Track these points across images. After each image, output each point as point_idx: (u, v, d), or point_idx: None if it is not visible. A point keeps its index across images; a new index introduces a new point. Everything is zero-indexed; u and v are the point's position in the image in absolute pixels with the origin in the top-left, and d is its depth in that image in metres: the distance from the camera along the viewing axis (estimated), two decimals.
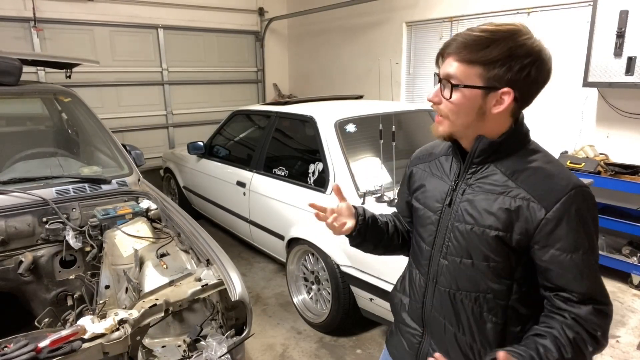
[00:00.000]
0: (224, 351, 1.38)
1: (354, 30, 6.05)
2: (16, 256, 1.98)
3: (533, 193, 0.92)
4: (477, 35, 0.91)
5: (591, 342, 0.90)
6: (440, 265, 1.05)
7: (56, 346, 1.18)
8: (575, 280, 0.90)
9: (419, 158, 1.21)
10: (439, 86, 0.97)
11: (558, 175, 0.94)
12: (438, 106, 0.99)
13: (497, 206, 0.95)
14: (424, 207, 1.11)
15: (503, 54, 0.89)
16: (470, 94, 0.93)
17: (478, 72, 0.91)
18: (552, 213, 0.90)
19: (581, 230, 0.90)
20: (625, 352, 2.65)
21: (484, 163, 1.00)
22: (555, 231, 0.90)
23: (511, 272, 0.97)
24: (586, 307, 0.91)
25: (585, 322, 0.90)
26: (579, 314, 0.91)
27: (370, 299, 2.49)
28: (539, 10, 4.09)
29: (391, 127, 2.59)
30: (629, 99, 3.55)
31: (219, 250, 1.73)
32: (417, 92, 5.48)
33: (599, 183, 3.33)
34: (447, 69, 0.95)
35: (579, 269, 0.90)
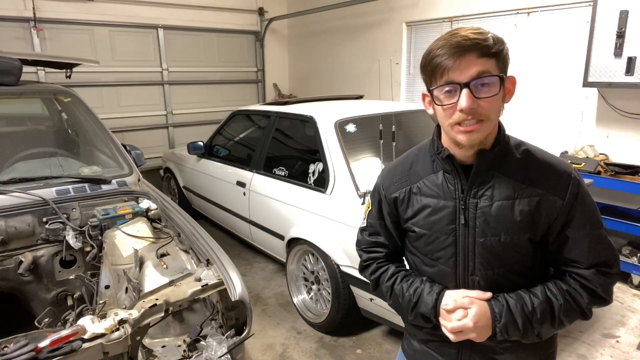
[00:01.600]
0: (224, 351, 1.38)
1: (354, 30, 6.05)
2: (16, 256, 1.97)
3: (545, 187, 0.97)
4: (478, 31, 0.91)
5: (588, 296, 0.98)
6: (471, 281, 1.03)
7: (56, 346, 1.18)
8: (584, 252, 0.98)
9: (396, 182, 1.12)
10: (467, 92, 0.89)
11: (554, 162, 1.00)
12: (475, 110, 0.90)
13: (518, 210, 0.97)
14: (433, 232, 1.05)
15: (504, 44, 0.93)
16: (498, 86, 0.92)
17: (495, 63, 0.92)
18: (566, 200, 0.97)
19: (586, 206, 0.99)
20: (625, 352, 2.65)
21: (485, 173, 1.00)
22: (569, 213, 0.97)
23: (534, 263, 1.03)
24: (589, 270, 0.98)
25: (583, 279, 0.99)
26: (581, 274, 0.99)
27: (370, 299, 2.49)
28: (539, 10, 4.09)
29: (391, 127, 2.59)
30: (629, 99, 3.55)
31: (219, 250, 1.73)
32: (417, 92, 5.47)
33: (599, 183, 3.33)
34: (474, 68, 0.89)
35: (588, 241, 0.98)
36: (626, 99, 3.57)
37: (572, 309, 0.98)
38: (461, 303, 0.98)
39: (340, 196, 2.65)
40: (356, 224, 2.44)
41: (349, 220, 2.52)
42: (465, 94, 0.89)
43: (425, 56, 0.95)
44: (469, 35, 0.89)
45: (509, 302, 0.98)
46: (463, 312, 0.98)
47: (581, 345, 2.71)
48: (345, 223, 2.54)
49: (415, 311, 1.08)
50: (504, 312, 0.97)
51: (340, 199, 2.64)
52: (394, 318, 2.41)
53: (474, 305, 0.98)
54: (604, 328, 2.89)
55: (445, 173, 1.03)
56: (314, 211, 2.78)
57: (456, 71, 0.89)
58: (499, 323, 0.97)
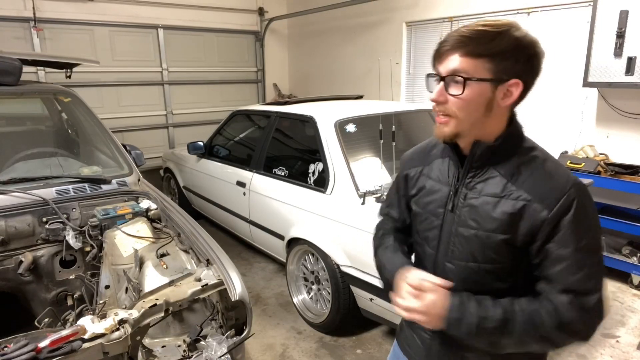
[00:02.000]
0: (224, 351, 1.38)
1: (354, 30, 6.05)
2: (16, 256, 1.97)
3: (534, 194, 0.93)
4: (481, 29, 0.90)
5: (554, 326, 0.90)
6: (447, 268, 1.04)
7: (56, 346, 1.18)
8: (560, 273, 0.91)
9: (412, 160, 1.19)
10: (441, 85, 0.94)
11: (556, 174, 0.95)
12: (444, 106, 0.95)
13: (500, 210, 0.95)
14: (425, 212, 1.10)
15: (510, 45, 0.89)
16: (480, 88, 0.91)
17: (486, 65, 0.90)
18: (553, 212, 0.91)
19: (578, 227, 0.91)
20: (625, 352, 2.65)
21: (483, 167, 0.99)
22: (556, 228, 0.91)
23: (517, 271, 0.99)
24: (563, 296, 0.91)
25: (552, 304, 0.91)
26: (552, 298, 0.92)
27: (370, 299, 2.49)
28: (539, 10, 4.09)
29: (391, 127, 2.59)
30: (629, 99, 3.55)
31: (219, 250, 1.73)
32: (417, 92, 5.48)
33: (599, 183, 3.33)
34: (451, 65, 0.92)
35: (569, 263, 0.90)
36: (626, 99, 3.57)
37: (531, 332, 0.91)
38: (423, 285, 0.96)
39: (340, 196, 2.65)
40: (356, 224, 2.46)
41: (349, 220, 2.52)
42: (437, 87, 0.95)
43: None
44: (461, 32, 0.91)
45: (469, 299, 0.96)
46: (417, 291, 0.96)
47: (581, 345, 2.72)
48: (345, 223, 2.54)
49: (383, 275, 1.18)
50: (458, 306, 0.95)
51: (340, 199, 2.64)
52: (394, 318, 2.41)
53: (434, 293, 0.95)
54: (604, 328, 2.89)
55: (450, 160, 1.07)
56: (314, 211, 2.78)
57: (441, 64, 0.95)
58: (450, 315, 0.94)
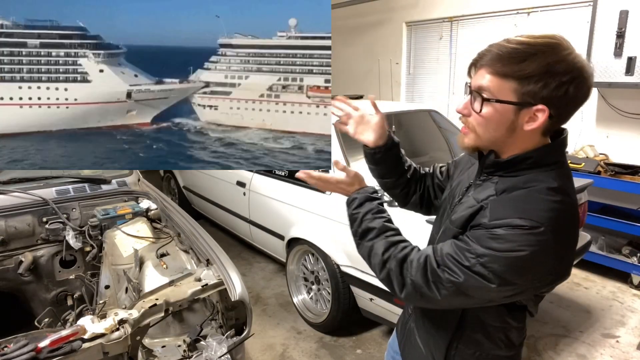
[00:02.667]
0: (224, 351, 1.38)
1: (354, 30, 6.06)
2: (16, 256, 1.98)
3: (492, 205, 0.89)
4: (514, 47, 0.85)
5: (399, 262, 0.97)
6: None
7: (56, 346, 1.18)
8: (441, 238, 1.02)
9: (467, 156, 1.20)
10: (469, 97, 0.93)
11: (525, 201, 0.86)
12: (467, 118, 0.94)
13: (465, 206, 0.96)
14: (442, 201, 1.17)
15: (540, 69, 0.83)
16: (502, 109, 0.87)
17: (512, 86, 0.85)
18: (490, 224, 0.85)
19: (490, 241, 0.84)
20: (625, 352, 2.65)
21: (493, 174, 0.97)
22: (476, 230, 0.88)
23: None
24: (427, 251, 0.95)
25: (418, 253, 0.97)
26: (426, 249, 0.97)
27: (370, 299, 2.49)
28: (539, 10, 4.09)
29: (391, 127, 2.59)
30: (629, 99, 3.55)
31: (219, 250, 1.73)
32: (417, 92, 5.48)
33: (599, 183, 3.33)
34: (479, 80, 0.90)
35: (457, 241, 0.90)
36: (626, 99, 3.57)
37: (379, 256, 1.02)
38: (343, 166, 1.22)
39: (340, 196, 2.64)
40: None
41: None
42: (464, 98, 0.96)
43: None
44: (491, 49, 0.88)
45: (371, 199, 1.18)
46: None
47: (581, 345, 2.71)
48: (346, 223, 2.52)
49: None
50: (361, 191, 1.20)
51: (341, 199, 2.63)
52: (394, 318, 2.41)
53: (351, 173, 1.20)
54: (604, 328, 2.89)
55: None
56: (314, 211, 2.78)
57: (474, 76, 0.94)
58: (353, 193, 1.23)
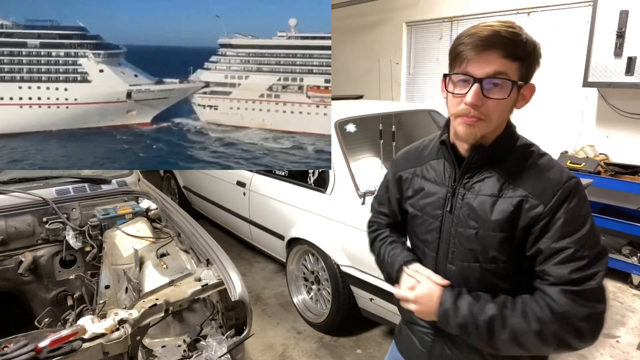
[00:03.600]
0: (224, 351, 1.38)
1: (354, 30, 6.05)
2: (16, 256, 1.97)
3: (529, 190, 0.93)
4: (513, 30, 0.88)
5: (552, 318, 0.88)
6: (448, 270, 1.04)
7: (56, 346, 1.18)
8: (556, 266, 0.90)
9: (406, 161, 1.18)
10: (476, 88, 0.89)
11: (551, 169, 0.95)
12: (479, 108, 0.90)
13: (498, 209, 0.95)
14: (423, 214, 1.09)
15: (535, 50, 0.90)
16: (508, 91, 0.90)
17: (517, 67, 0.89)
18: (549, 207, 0.91)
19: (573, 220, 0.91)
20: (625, 352, 2.65)
21: (480, 167, 0.99)
22: (550, 223, 0.91)
23: (519, 270, 0.99)
24: (554, 287, 0.89)
25: (548, 298, 0.90)
26: (545, 290, 0.91)
27: (370, 299, 2.49)
28: (539, 10, 4.09)
29: (391, 127, 2.59)
30: (629, 99, 3.55)
31: (219, 250, 1.73)
32: (417, 92, 5.48)
33: (599, 183, 3.32)
34: (492, 67, 0.88)
35: (562, 256, 0.90)
36: (626, 99, 3.57)
37: (527, 327, 0.89)
38: (418, 276, 1.04)
39: (340, 196, 2.65)
40: (356, 224, 2.46)
41: (349, 220, 2.52)
42: (474, 89, 0.89)
43: (455, 39, 0.94)
44: (500, 32, 0.87)
45: (461, 293, 0.98)
46: (414, 283, 1.03)
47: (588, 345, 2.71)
48: (345, 223, 2.54)
49: (385, 270, 1.19)
50: (450, 299, 0.97)
51: (340, 199, 2.64)
52: (394, 318, 2.41)
53: (426, 283, 1.01)
54: (603, 328, 2.89)
55: (445, 160, 1.06)
56: (314, 211, 2.78)
57: (475, 64, 0.89)
58: (441, 308, 0.97)
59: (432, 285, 1.00)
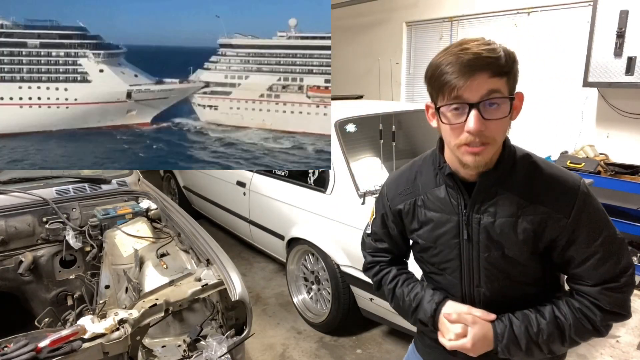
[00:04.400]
0: (224, 351, 1.38)
1: (354, 30, 6.05)
2: (16, 256, 1.98)
3: (550, 207, 0.94)
4: (491, 48, 0.86)
5: (600, 313, 0.95)
6: (477, 292, 1.04)
7: (56, 346, 1.18)
8: (589, 270, 0.95)
9: (401, 194, 1.11)
10: (475, 113, 0.86)
11: (560, 178, 0.96)
12: (482, 133, 0.87)
13: (521, 229, 0.95)
14: (438, 245, 1.06)
15: (515, 60, 0.89)
16: (507, 107, 0.89)
17: (505, 83, 0.88)
18: (572, 218, 0.93)
19: (594, 223, 0.95)
20: (625, 352, 2.65)
21: (489, 189, 0.98)
22: (575, 231, 0.94)
23: (544, 273, 1.02)
24: (595, 288, 0.95)
25: (591, 297, 0.96)
26: (587, 292, 0.96)
27: (371, 299, 2.49)
28: (539, 10, 4.09)
29: (391, 127, 2.59)
30: (629, 99, 3.55)
31: (219, 250, 1.73)
32: (417, 92, 5.48)
33: (599, 183, 3.33)
34: (485, 87, 0.85)
35: (594, 260, 0.94)
36: (626, 99, 3.57)
37: (584, 327, 0.96)
38: (464, 319, 0.99)
39: (340, 196, 2.65)
40: (356, 224, 2.46)
41: (349, 220, 2.52)
42: (473, 115, 0.86)
43: (432, 69, 0.90)
44: (481, 53, 0.84)
45: (513, 322, 0.97)
46: (463, 328, 0.98)
47: (581, 345, 2.71)
48: (345, 223, 2.54)
49: (414, 317, 1.11)
50: (506, 333, 0.97)
51: (340, 199, 2.63)
52: (394, 318, 2.41)
53: (476, 325, 0.98)
54: None
55: (447, 188, 1.02)
56: (314, 211, 2.78)
57: (467, 90, 0.85)
58: (501, 344, 0.97)
59: (483, 324, 0.98)
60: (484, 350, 0.99)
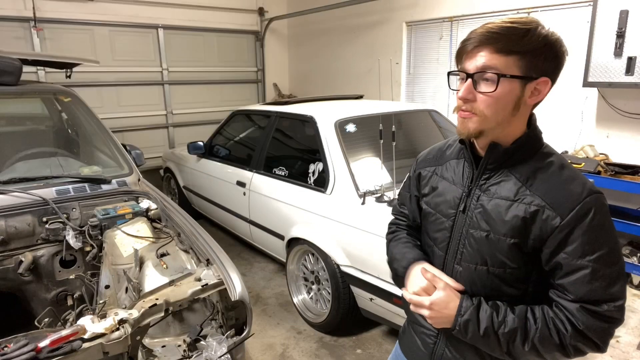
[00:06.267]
0: (224, 351, 1.38)
1: (354, 30, 6.05)
2: (16, 256, 1.97)
3: (548, 200, 0.92)
4: (510, 25, 0.89)
5: (572, 331, 0.90)
6: (455, 270, 1.04)
7: (56, 346, 1.18)
8: (574, 283, 0.91)
9: (427, 160, 1.18)
10: (469, 83, 0.92)
11: (572, 182, 0.93)
12: (471, 104, 0.93)
13: (512, 214, 0.94)
14: (436, 212, 1.09)
15: (541, 42, 0.89)
16: (511, 86, 0.90)
17: (516, 62, 0.89)
18: (566, 221, 0.90)
19: (593, 238, 0.90)
20: (625, 352, 2.65)
21: (498, 169, 0.98)
22: (569, 238, 0.90)
23: (527, 277, 0.98)
24: (574, 304, 0.91)
25: (567, 312, 0.91)
26: (565, 305, 0.92)
27: (370, 299, 2.49)
28: (539, 10, 4.09)
29: (391, 127, 2.59)
30: (629, 99, 3.55)
31: (219, 250, 1.73)
32: (417, 92, 5.47)
33: (599, 183, 3.32)
34: (481, 61, 0.90)
35: (583, 274, 0.90)
36: (626, 99, 3.57)
37: (550, 338, 0.91)
38: (436, 281, 1.01)
39: (340, 196, 2.65)
40: (356, 224, 2.46)
41: (349, 220, 2.52)
42: (466, 84, 0.93)
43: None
44: (494, 28, 0.89)
45: (481, 305, 0.96)
46: (429, 286, 1.00)
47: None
48: (345, 223, 2.54)
49: (392, 267, 1.17)
50: (470, 310, 0.96)
51: (340, 199, 2.64)
52: (394, 318, 2.41)
53: (444, 290, 0.99)
54: None
55: (465, 161, 1.06)
56: (314, 211, 2.78)
57: (469, 61, 0.93)
58: (461, 318, 0.96)
59: (451, 293, 0.98)
60: (442, 321, 0.98)
